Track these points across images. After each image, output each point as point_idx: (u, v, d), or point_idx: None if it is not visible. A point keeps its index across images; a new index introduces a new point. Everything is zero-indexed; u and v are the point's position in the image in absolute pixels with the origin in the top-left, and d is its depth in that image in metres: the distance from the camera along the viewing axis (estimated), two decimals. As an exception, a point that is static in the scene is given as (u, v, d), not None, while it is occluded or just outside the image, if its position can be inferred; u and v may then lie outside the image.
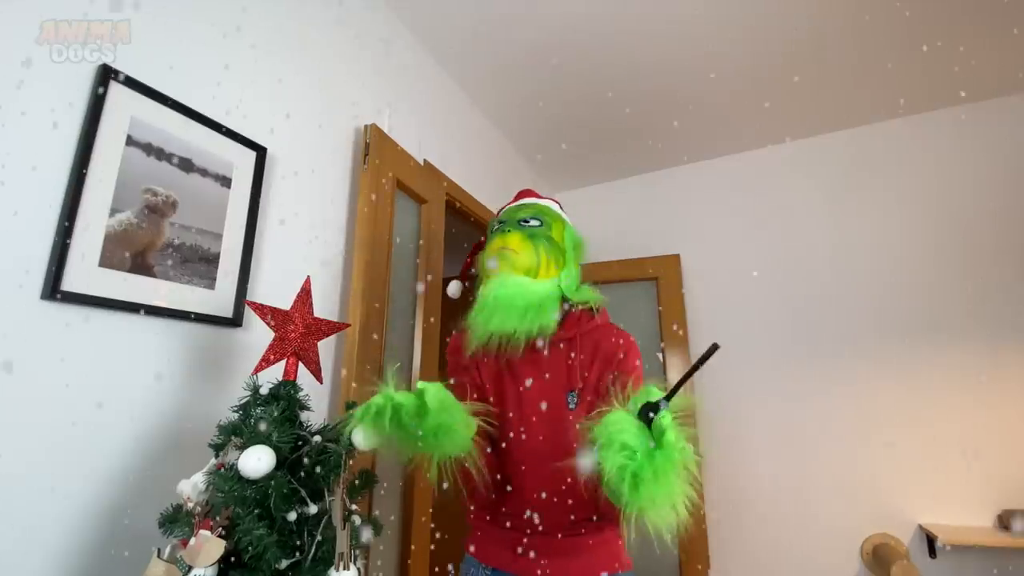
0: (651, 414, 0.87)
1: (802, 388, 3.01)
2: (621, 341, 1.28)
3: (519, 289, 1.21)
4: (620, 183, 3.92)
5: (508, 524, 1.27)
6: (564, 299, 1.30)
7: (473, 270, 1.40)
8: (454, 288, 1.43)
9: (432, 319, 2.25)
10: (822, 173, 3.20)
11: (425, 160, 2.43)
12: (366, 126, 2.01)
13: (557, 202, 1.44)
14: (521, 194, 1.47)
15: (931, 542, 2.55)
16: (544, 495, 1.22)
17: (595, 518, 1.24)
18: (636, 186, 3.85)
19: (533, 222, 1.31)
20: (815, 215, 3.17)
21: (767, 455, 3.02)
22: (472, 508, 1.36)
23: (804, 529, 2.86)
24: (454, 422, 1.00)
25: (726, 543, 3.02)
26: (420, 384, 0.97)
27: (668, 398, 0.88)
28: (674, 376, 3.15)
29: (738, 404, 3.14)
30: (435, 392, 0.98)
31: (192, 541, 0.90)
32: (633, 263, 3.44)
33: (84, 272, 1.18)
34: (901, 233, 2.95)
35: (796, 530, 2.88)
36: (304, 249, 1.77)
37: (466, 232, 3.08)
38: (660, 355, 3.21)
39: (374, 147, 1.98)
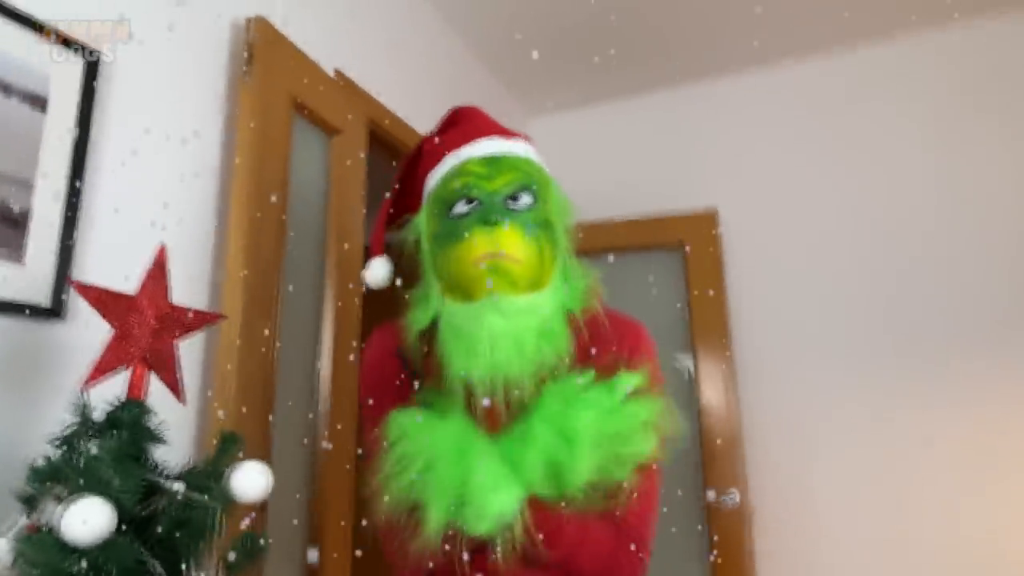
0: None
1: (895, 402, 3.04)
2: (625, 339, 1.29)
3: (527, 319, 1.18)
4: (630, 104, 3.93)
5: None
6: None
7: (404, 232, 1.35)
8: (378, 272, 1.37)
9: (344, 301, 2.26)
10: (928, 88, 3.23)
11: (338, 70, 2.42)
12: (248, 19, 1.99)
13: (527, 139, 1.39)
14: (470, 121, 1.39)
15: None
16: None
17: None
18: (654, 108, 3.86)
19: (524, 198, 1.24)
20: (916, 151, 3.21)
21: (843, 499, 3.07)
22: None
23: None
24: None
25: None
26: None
27: None
28: (708, 388, 3.20)
29: (801, 424, 3.19)
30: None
31: (-9, 638, 0.90)
32: (650, 223, 3.46)
33: None
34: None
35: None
36: (157, 203, 1.75)
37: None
38: (687, 358, 3.24)
39: (261, 50, 1.97)
